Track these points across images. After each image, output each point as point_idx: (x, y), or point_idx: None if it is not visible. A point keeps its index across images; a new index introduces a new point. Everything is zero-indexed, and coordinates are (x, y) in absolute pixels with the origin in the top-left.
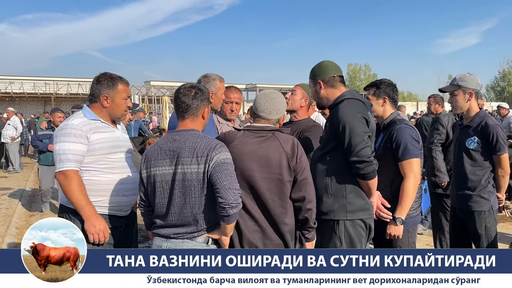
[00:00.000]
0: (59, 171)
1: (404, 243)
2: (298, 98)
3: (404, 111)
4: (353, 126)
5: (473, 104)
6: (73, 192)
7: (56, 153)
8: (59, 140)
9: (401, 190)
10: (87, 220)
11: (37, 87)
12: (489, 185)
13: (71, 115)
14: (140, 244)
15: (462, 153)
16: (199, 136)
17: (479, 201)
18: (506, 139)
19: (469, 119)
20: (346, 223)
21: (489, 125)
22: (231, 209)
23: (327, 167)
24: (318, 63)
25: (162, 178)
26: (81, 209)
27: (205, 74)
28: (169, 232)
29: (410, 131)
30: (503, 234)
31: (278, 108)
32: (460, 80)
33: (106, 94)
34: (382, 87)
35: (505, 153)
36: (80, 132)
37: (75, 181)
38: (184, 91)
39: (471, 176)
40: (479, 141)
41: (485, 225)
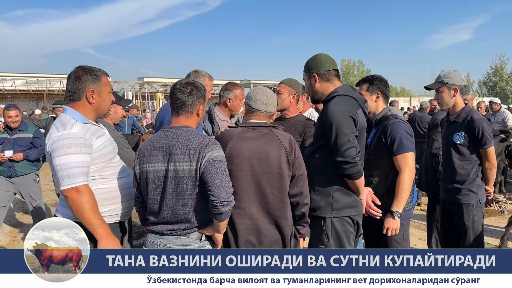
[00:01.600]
0: (71, 187)
1: (399, 237)
2: (285, 97)
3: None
4: (340, 126)
5: (459, 99)
6: (86, 210)
7: (61, 168)
8: (62, 152)
9: (397, 184)
10: (102, 239)
11: (29, 84)
12: (478, 179)
13: (58, 120)
14: (135, 241)
15: (450, 148)
16: (192, 133)
17: (468, 194)
18: (492, 133)
19: (455, 114)
20: (333, 220)
21: (475, 120)
22: (223, 207)
23: (315, 164)
24: (313, 56)
25: (155, 175)
26: (95, 228)
27: (196, 70)
28: (162, 228)
29: (404, 126)
30: (494, 228)
31: (274, 100)
32: (445, 77)
33: (92, 89)
34: (376, 83)
35: (491, 146)
36: (83, 141)
37: (87, 198)
38: (180, 87)
39: (459, 170)
40: (465, 135)
41: (472, 217)
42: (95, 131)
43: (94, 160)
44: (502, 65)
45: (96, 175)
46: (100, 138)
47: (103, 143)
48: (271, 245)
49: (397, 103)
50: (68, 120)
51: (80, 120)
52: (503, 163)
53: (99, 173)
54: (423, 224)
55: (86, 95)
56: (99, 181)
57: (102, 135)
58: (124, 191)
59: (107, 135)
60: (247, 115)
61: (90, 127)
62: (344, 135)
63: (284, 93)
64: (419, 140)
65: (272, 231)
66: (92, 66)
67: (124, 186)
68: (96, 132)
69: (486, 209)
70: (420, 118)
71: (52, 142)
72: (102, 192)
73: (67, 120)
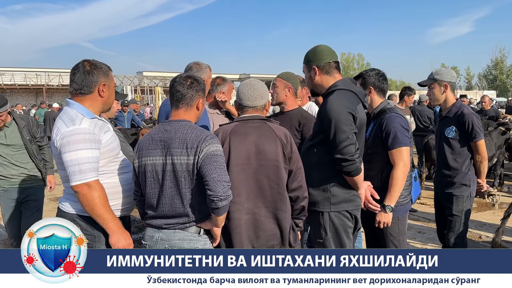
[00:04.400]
0: (82, 183)
1: (394, 230)
2: (280, 90)
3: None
4: (338, 123)
5: (449, 95)
6: (97, 205)
7: (72, 164)
8: (72, 148)
9: (391, 178)
10: (113, 234)
11: (28, 79)
12: (470, 173)
13: (65, 114)
14: (134, 235)
15: (443, 143)
16: (190, 127)
17: (460, 187)
18: (482, 127)
19: (446, 110)
20: (330, 214)
21: (465, 114)
22: (220, 202)
23: (313, 159)
24: (313, 47)
25: (153, 168)
26: (107, 223)
27: (197, 62)
28: (160, 222)
29: (400, 120)
30: (491, 222)
31: (261, 94)
32: (436, 74)
33: (104, 82)
34: (366, 77)
35: (481, 139)
36: (93, 136)
37: (98, 193)
38: (180, 80)
39: (452, 163)
40: (456, 130)
41: (461, 208)
42: (102, 126)
43: (102, 155)
44: (502, 58)
45: (102, 170)
46: (107, 133)
47: (109, 138)
48: (269, 240)
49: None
50: (76, 115)
51: (87, 115)
52: (503, 156)
53: (105, 168)
54: (422, 218)
55: (99, 88)
56: (106, 175)
57: (108, 130)
58: (128, 185)
59: (112, 131)
60: (239, 111)
61: (97, 122)
62: (343, 132)
63: (279, 86)
64: (420, 133)
65: (271, 225)
66: (97, 60)
67: (129, 181)
68: (103, 127)
69: (482, 203)
70: (420, 112)
71: (62, 137)
72: (108, 187)
73: (74, 115)
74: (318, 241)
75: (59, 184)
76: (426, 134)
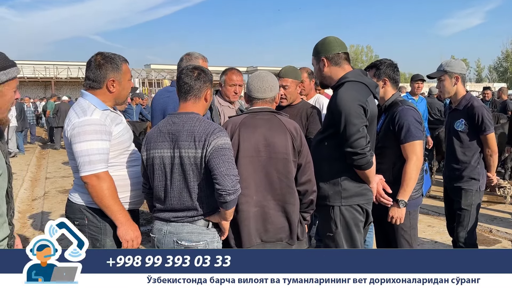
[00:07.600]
0: (91, 174)
1: (406, 225)
2: (293, 90)
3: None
4: (349, 116)
5: (460, 87)
6: (107, 196)
7: (82, 154)
8: (83, 139)
9: (404, 173)
10: (122, 226)
11: (37, 72)
12: (479, 166)
13: (77, 105)
14: (143, 227)
15: (452, 136)
16: (198, 119)
17: (469, 181)
18: (492, 120)
19: (456, 102)
20: (341, 208)
21: (475, 107)
22: (228, 196)
23: (324, 153)
24: (322, 39)
25: (161, 161)
26: (115, 214)
27: (188, 52)
28: (169, 215)
29: (413, 113)
30: (502, 216)
31: (271, 86)
32: (446, 66)
33: (113, 78)
34: (382, 68)
35: (491, 132)
36: (103, 127)
37: (108, 184)
38: (187, 72)
39: (461, 157)
40: (466, 122)
41: (470, 202)
42: (114, 118)
43: (112, 147)
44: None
45: (113, 162)
46: (118, 125)
47: (121, 130)
48: (278, 233)
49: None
50: (88, 106)
51: (100, 106)
52: None
53: (116, 160)
54: (431, 211)
55: (107, 84)
56: (115, 168)
57: (120, 122)
58: (138, 179)
59: (124, 123)
60: (249, 103)
61: (109, 113)
62: (353, 125)
63: (291, 87)
64: (431, 126)
65: (279, 218)
66: (111, 53)
67: (139, 174)
68: (115, 119)
69: (493, 197)
70: (430, 104)
71: (73, 128)
72: (118, 179)
73: (86, 105)
74: (328, 235)
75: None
76: (437, 127)
